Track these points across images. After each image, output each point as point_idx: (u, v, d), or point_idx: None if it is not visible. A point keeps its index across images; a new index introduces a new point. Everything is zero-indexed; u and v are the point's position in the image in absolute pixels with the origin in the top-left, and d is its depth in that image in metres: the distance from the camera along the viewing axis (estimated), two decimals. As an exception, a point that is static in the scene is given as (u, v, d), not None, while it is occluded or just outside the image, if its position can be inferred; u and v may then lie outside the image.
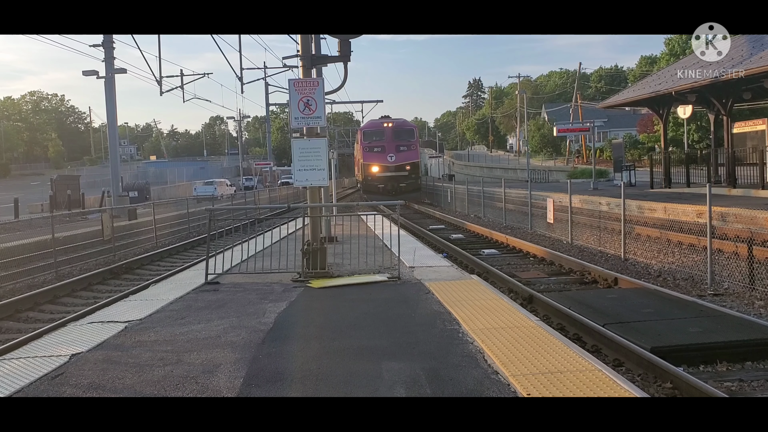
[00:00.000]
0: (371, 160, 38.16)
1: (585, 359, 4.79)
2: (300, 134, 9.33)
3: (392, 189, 36.47)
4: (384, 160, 37.62)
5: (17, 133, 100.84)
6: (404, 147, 38.15)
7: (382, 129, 38.80)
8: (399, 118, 41.02)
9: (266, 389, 4.30)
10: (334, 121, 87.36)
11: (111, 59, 26.69)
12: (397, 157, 37.63)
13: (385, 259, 9.40)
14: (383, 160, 37.66)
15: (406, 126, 40.37)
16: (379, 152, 37.97)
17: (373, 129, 39.72)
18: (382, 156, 37.83)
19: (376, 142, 38.51)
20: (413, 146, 39.04)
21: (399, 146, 37.88)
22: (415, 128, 41.34)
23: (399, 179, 37.27)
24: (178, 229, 23.50)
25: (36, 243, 16.75)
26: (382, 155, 37.84)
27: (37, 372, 4.83)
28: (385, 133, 38.26)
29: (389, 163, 37.43)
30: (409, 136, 39.13)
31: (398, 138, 38.33)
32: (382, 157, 37.72)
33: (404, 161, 37.79)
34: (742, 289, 9.36)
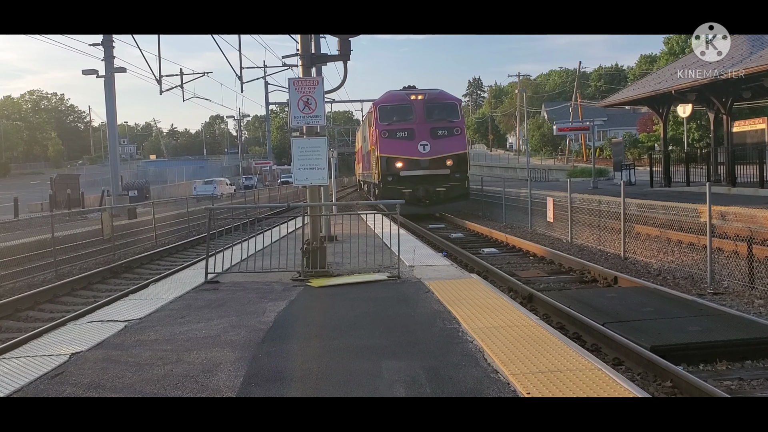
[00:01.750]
0: (392, 150, 23.75)
1: (585, 358, 4.79)
2: (300, 133, 9.33)
3: (426, 196, 23.19)
4: (413, 152, 23.41)
5: (17, 132, 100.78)
6: (444, 130, 23.77)
7: (408, 104, 24.21)
8: (433, 89, 25.70)
9: (266, 388, 4.30)
10: (334, 120, 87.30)
11: (111, 58, 26.69)
12: (434, 147, 23.45)
13: (384, 258, 9.40)
14: (411, 151, 23.42)
15: (444, 98, 25.13)
16: (405, 139, 23.62)
17: (394, 104, 24.70)
18: (409, 145, 23.53)
19: (399, 124, 23.92)
20: (458, 129, 24.15)
21: (436, 129, 23.69)
22: (458, 102, 25.98)
23: (437, 180, 23.32)
24: (177, 228, 23.49)
25: (36, 242, 16.76)
26: (409, 144, 23.53)
27: (36, 371, 4.83)
28: (414, 110, 23.89)
29: (422, 156, 23.28)
30: (450, 114, 24.49)
31: (435, 116, 24.16)
32: (410, 147, 23.48)
33: (445, 152, 23.46)
34: (741, 288, 9.37)
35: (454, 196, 23.58)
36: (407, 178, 23.10)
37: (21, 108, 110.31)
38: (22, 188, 54.69)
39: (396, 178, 23.26)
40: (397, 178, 23.23)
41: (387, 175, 23.41)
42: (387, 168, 23.43)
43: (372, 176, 26.60)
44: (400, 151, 23.47)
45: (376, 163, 24.46)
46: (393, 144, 23.66)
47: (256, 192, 41.71)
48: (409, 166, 23.21)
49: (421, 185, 23.08)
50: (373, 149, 25.11)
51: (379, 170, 23.86)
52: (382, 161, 23.59)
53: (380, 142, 23.80)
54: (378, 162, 23.88)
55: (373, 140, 24.94)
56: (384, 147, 23.75)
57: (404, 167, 23.23)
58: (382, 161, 23.56)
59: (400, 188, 22.80)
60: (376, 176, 24.90)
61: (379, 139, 23.81)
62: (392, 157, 23.50)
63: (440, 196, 23.35)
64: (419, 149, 23.17)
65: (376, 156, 24.29)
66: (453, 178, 23.41)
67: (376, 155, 24.06)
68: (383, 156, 23.62)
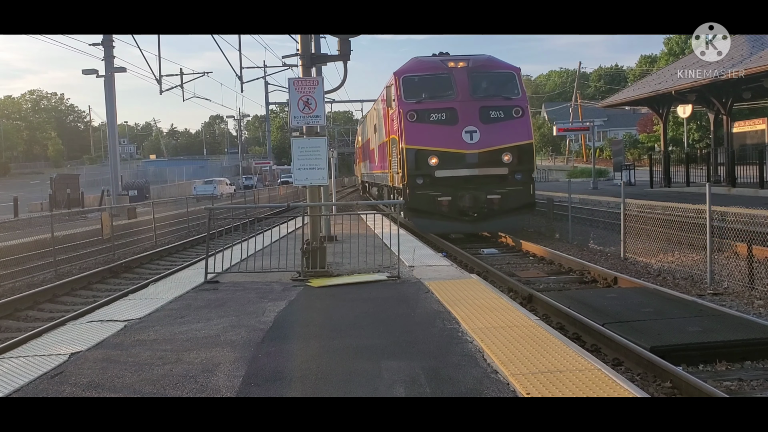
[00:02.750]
0: (424, 140, 16.01)
1: (584, 358, 4.79)
2: (300, 133, 9.33)
3: (474, 206, 15.77)
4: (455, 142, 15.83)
5: (17, 132, 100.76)
6: (498, 111, 16.23)
7: (446, 73, 16.47)
8: (480, 54, 17.75)
9: (265, 388, 4.30)
10: (334, 120, 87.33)
11: (111, 58, 26.70)
12: (486, 135, 15.78)
13: (384, 259, 9.40)
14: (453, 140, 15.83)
15: (496, 66, 17.26)
16: (443, 123, 16.02)
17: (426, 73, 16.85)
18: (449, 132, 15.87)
19: (434, 102, 16.25)
20: (518, 109, 16.37)
21: (488, 110, 16.07)
22: (517, 72, 17.23)
23: (489, 184, 15.81)
24: (177, 228, 23.48)
25: (35, 242, 16.76)
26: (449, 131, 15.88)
27: (36, 371, 4.83)
28: (455, 83, 16.19)
29: (468, 148, 15.73)
30: (506, 88, 16.74)
31: (485, 91, 16.54)
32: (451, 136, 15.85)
33: (501, 143, 15.89)
34: (741, 289, 9.37)
35: (514, 206, 15.61)
36: (446, 181, 15.25)
37: (21, 108, 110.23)
38: (22, 188, 54.68)
39: (429, 181, 15.31)
40: (430, 180, 15.28)
41: (415, 176, 15.38)
42: (416, 166, 15.40)
43: (389, 178, 18.17)
44: (436, 140, 15.36)
45: (398, 159, 16.15)
46: (425, 131, 15.55)
47: (256, 192, 41.68)
48: (449, 163, 15.25)
49: (466, 191, 15.25)
50: (394, 139, 16.73)
51: (403, 169, 15.57)
52: (408, 156, 15.45)
53: (406, 129, 15.58)
54: (402, 157, 15.64)
55: (394, 126, 16.64)
56: (411, 135, 15.55)
57: (441, 165, 15.26)
58: (409, 156, 15.44)
59: (435, 195, 15.27)
60: (396, 177, 16.76)
61: (405, 124, 15.57)
62: (424, 149, 15.36)
63: (494, 207, 15.41)
64: (464, 139, 15.18)
65: (399, 148, 15.92)
66: (513, 181, 15.46)
67: (400, 147, 15.76)
68: (410, 148, 15.48)
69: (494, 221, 16.02)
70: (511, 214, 15.89)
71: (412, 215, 16.06)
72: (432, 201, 15.44)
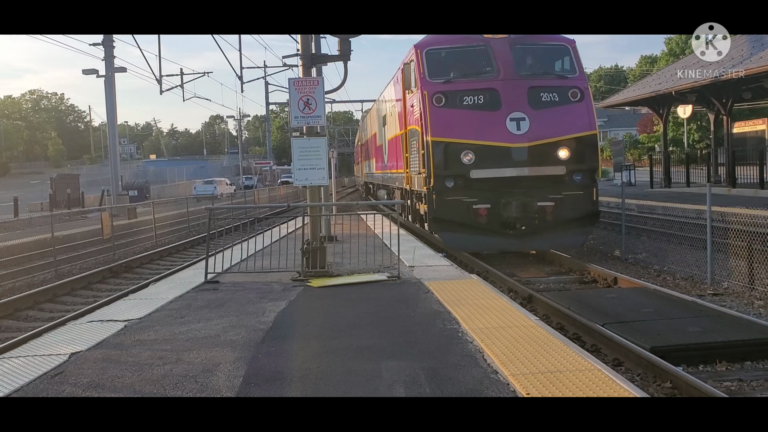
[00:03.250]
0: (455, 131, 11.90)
1: (584, 359, 4.79)
2: (300, 133, 9.33)
3: (522, 216, 11.75)
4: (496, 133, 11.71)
5: (17, 132, 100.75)
6: (551, 93, 12.06)
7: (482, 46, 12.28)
8: None
9: (266, 388, 4.30)
10: (334, 120, 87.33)
11: (111, 58, 26.71)
12: (537, 124, 11.69)
13: (384, 259, 9.40)
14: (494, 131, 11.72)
15: (546, 38, 12.66)
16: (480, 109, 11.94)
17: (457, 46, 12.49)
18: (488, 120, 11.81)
19: (468, 82, 12.24)
20: (577, 91, 12.08)
21: (538, 91, 12.03)
22: (571, 45, 12.54)
23: (541, 188, 11.84)
24: (177, 228, 23.47)
25: (35, 242, 16.76)
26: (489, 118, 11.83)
27: (36, 371, 4.83)
28: (495, 57, 12.17)
29: (513, 140, 11.64)
30: (560, 65, 12.79)
31: (532, 68, 12.80)
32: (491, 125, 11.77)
33: (557, 134, 11.84)
34: (741, 289, 9.37)
35: (572, 216, 11.88)
36: (484, 184, 11.67)
37: (21, 107, 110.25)
38: (22, 188, 54.70)
39: (462, 183, 11.78)
40: (463, 182, 11.77)
41: (444, 178, 11.80)
42: (444, 164, 11.78)
43: (404, 179, 14.52)
44: (472, 131, 11.77)
45: (419, 156, 12.51)
46: (456, 119, 11.94)
47: (256, 192, 41.68)
48: (489, 161, 11.62)
49: (511, 197, 11.63)
50: (414, 131, 13.10)
51: (428, 168, 11.92)
52: (435, 152, 11.80)
53: (432, 116, 11.88)
54: (426, 153, 11.96)
55: (414, 113, 13.13)
56: (439, 124, 11.86)
57: (479, 162, 11.64)
58: (436, 152, 11.80)
59: (470, 202, 11.73)
60: (416, 179, 13.17)
61: (430, 110, 11.89)
62: (455, 143, 11.79)
63: (546, 218, 11.73)
64: (509, 128, 11.56)
65: (421, 142, 12.27)
66: (571, 184, 11.88)
67: (423, 140, 12.06)
68: (438, 141, 11.79)
69: (548, 236, 11.89)
70: (570, 226, 11.93)
71: (439, 228, 12.08)
72: (466, 210, 11.66)
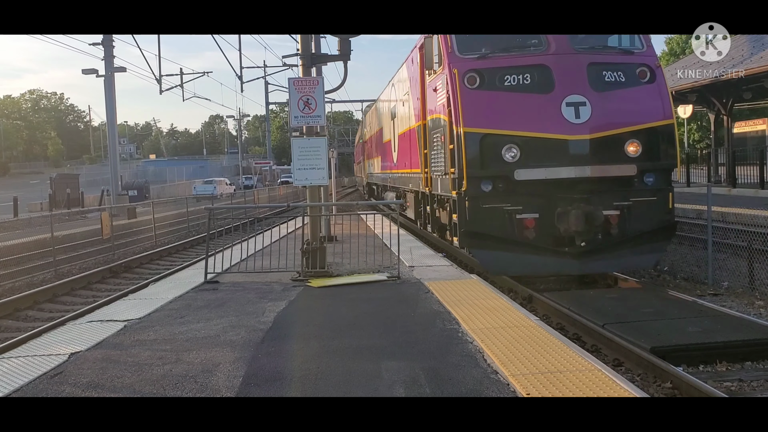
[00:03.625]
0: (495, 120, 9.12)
1: (584, 359, 4.79)
2: (300, 133, 9.33)
3: (584, 229, 8.79)
4: (550, 122, 8.89)
5: (17, 132, 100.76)
6: (617, 72, 9.28)
7: None
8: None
9: (265, 389, 4.30)
10: (334, 120, 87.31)
11: (111, 58, 26.72)
12: (600, 109, 8.86)
13: (384, 259, 9.40)
14: (547, 120, 8.91)
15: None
16: (526, 91, 9.12)
17: None
18: (538, 106, 9.02)
19: (509, 58, 9.41)
20: (646, 70, 9.35)
21: (600, 70, 9.21)
22: None
23: (607, 191, 9.06)
24: (177, 228, 23.47)
25: (35, 242, 16.76)
26: (538, 104, 9.04)
27: (36, 371, 4.83)
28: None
29: (571, 131, 8.82)
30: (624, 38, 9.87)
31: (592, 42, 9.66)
32: (542, 111, 8.97)
33: (627, 123, 9.10)
34: (742, 289, 9.36)
35: (643, 229, 9.33)
36: (532, 187, 9.16)
37: (21, 107, 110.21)
38: (22, 188, 54.66)
39: (503, 186, 9.26)
40: (505, 185, 9.24)
41: (481, 179, 9.28)
42: (481, 161, 9.29)
43: (422, 181, 12.18)
44: (516, 119, 9.24)
45: (446, 152, 9.98)
46: (496, 103, 9.41)
47: (255, 192, 41.67)
48: (540, 157, 9.15)
49: (569, 204, 9.03)
50: (438, 120, 10.58)
51: (458, 167, 9.37)
52: (468, 145, 9.22)
53: (464, 100, 9.33)
54: (456, 148, 9.41)
55: (438, 98, 10.53)
56: (473, 111, 9.31)
57: (526, 159, 9.15)
58: (470, 145, 9.23)
59: (514, 210, 9.18)
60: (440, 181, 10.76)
61: (462, 93, 9.36)
62: (495, 134, 9.26)
63: (611, 232, 9.19)
64: (565, 116, 9.00)
65: (449, 134, 9.74)
66: (642, 188, 9.39)
67: (453, 132, 9.48)
68: (472, 133, 9.24)
69: (614, 254, 9.21)
70: (640, 242, 9.26)
71: (473, 244, 9.51)
72: (507, 221, 9.02)
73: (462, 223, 9.43)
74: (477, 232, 9.36)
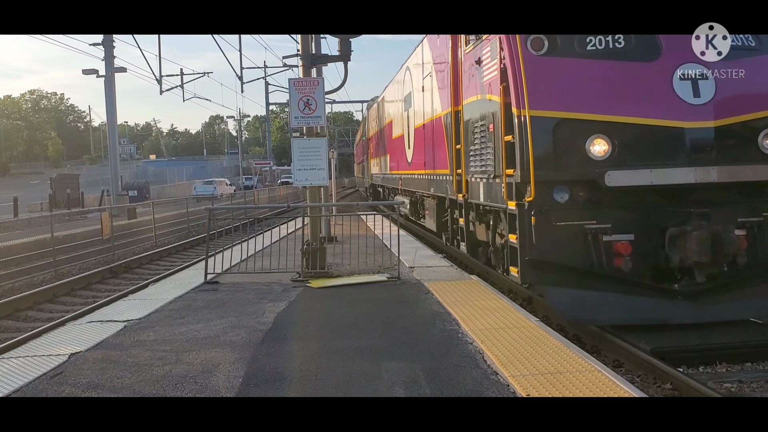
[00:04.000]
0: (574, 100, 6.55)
1: (584, 360, 4.78)
2: (300, 134, 9.33)
3: (711, 258, 6.20)
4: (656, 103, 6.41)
5: (17, 132, 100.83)
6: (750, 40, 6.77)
7: None
8: None
9: (265, 389, 4.29)
10: (334, 120, 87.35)
11: (111, 58, 26.74)
12: (728, 85, 6.43)
13: (384, 259, 9.40)
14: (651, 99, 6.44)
15: None
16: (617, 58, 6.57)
17: None
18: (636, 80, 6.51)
19: None
20: None
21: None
22: None
23: (734, 203, 6.59)
24: (177, 228, 23.47)
25: (35, 242, 16.76)
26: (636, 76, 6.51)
27: (36, 371, 4.83)
28: None
29: (691, 115, 6.36)
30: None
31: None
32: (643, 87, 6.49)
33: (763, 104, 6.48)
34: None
35: None
36: (630, 197, 6.60)
37: (21, 108, 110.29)
38: (22, 188, 54.68)
39: (586, 196, 6.64)
40: (588, 193, 6.63)
41: (554, 185, 6.63)
42: (554, 159, 6.62)
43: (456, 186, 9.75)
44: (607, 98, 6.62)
45: (497, 146, 7.42)
46: (574, 77, 6.73)
47: (256, 192, 41.68)
48: (642, 153, 6.55)
49: (685, 221, 6.38)
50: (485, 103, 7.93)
51: (522, 166, 6.66)
52: (536, 134, 6.52)
53: (528, 70, 6.60)
54: (521, 139, 6.66)
55: (483, 73, 8.04)
56: (543, 86, 6.65)
57: (621, 156, 6.54)
58: (539, 135, 6.54)
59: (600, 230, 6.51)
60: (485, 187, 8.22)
61: (524, 60, 6.65)
62: (575, 120, 6.58)
63: (738, 260, 6.46)
64: (677, 92, 6.45)
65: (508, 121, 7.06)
66: None
67: (518, 117, 6.69)
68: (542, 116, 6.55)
69: (752, 294, 6.72)
70: None
71: (542, 278, 6.87)
72: (592, 244, 6.59)
73: (526, 248, 6.70)
74: (548, 261, 6.68)
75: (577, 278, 6.65)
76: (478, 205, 8.87)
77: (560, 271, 6.70)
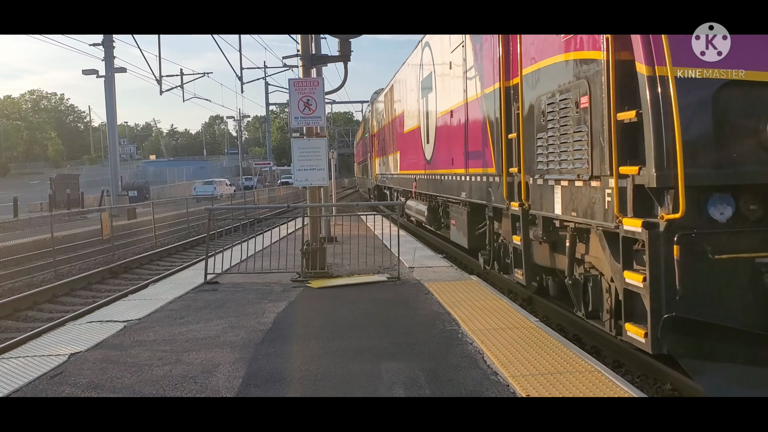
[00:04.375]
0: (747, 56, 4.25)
1: (584, 360, 4.78)
2: (300, 134, 9.33)
3: None
4: None
5: (17, 132, 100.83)
6: None
7: None
8: None
9: (265, 389, 4.29)
10: (334, 121, 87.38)
11: (111, 58, 26.75)
12: None
13: (384, 260, 9.40)
14: None
15: None
16: None
17: None
18: None
19: None
20: None
21: None
22: None
23: None
24: (177, 228, 23.48)
25: (35, 242, 16.77)
26: None
27: (36, 371, 4.82)
28: None
29: None
30: None
31: None
32: None
33: None
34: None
35: None
36: None
37: (21, 108, 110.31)
38: (22, 188, 54.68)
39: (762, 210, 4.49)
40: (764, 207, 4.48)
41: (713, 194, 4.51)
42: (715, 151, 4.41)
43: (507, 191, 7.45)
44: None
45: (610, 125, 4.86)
46: None
47: (255, 193, 41.67)
48: None
49: None
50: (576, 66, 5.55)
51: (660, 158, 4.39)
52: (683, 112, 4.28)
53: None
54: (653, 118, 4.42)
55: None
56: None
57: None
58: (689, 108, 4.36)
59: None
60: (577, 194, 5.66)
61: None
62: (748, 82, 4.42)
63: None
64: None
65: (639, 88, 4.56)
66: None
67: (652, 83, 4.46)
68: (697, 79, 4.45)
69: None
70: None
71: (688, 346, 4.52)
72: (762, 290, 4.48)
73: (661, 297, 4.59)
74: (701, 320, 4.51)
75: (751, 348, 4.43)
76: (549, 219, 6.55)
77: (722, 335, 4.45)
